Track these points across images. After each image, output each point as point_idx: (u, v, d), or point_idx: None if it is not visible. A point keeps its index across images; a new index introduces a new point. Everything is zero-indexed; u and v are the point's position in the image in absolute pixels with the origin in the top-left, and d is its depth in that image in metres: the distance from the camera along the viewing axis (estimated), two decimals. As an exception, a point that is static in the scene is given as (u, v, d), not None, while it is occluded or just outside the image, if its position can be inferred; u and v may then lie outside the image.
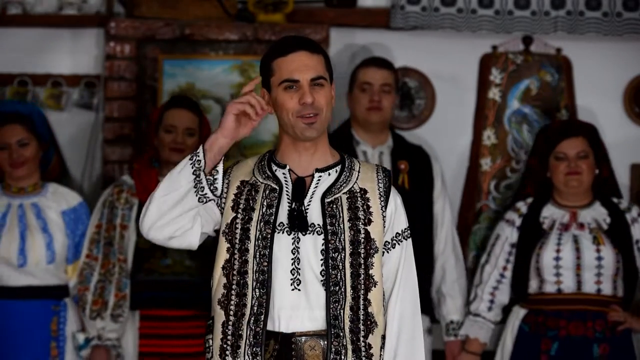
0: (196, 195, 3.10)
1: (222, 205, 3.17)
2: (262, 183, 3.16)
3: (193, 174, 3.10)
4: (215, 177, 3.11)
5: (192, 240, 3.16)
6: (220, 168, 3.13)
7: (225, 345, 3.12)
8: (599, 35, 5.27)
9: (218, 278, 3.16)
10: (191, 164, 3.10)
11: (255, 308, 3.09)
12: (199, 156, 3.11)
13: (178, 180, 3.10)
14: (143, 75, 5.24)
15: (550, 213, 4.66)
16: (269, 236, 3.09)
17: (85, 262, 4.62)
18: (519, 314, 4.65)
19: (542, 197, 4.71)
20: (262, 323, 3.08)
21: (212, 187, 3.10)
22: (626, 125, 5.37)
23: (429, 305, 4.81)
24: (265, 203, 3.12)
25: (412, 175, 4.81)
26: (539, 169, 4.73)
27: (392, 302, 3.16)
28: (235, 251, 3.12)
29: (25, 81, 5.32)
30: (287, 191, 3.14)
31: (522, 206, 4.72)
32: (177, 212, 3.11)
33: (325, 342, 3.08)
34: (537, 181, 4.75)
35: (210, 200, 3.11)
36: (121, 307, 4.56)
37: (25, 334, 4.57)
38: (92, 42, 5.36)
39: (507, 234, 4.70)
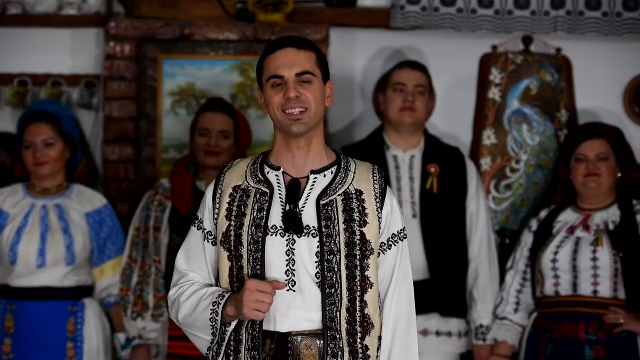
0: (208, 352, 3.16)
1: (216, 216, 3.17)
2: (253, 188, 3.16)
3: (211, 324, 3.12)
4: (221, 343, 3.12)
5: None
6: (226, 336, 3.12)
7: (229, 351, 3.14)
8: (599, 35, 5.27)
9: (226, 288, 3.17)
10: (212, 311, 3.11)
11: (253, 312, 3.10)
12: (218, 308, 3.10)
13: (200, 321, 3.15)
14: (143, 75, 5.24)
15: (566, 217, 4.65)
16: (260, 240, 3.09)
17: (127, 263, 4.67)
18: (531, 317, 4.67)
19: (565, 202, 4.70)
20: (258, 327, 3.08)
21: (216, 352, 3.15)
22: (626, 125, 5.36)
23: (461, 308, 4.78)
24: (256, 207, 3.12)
25: (443, 178, 4.78)
26: (565, 172, 4.72)
27: (387, 303, 3.15)
28: (233, 258, 3.13)
29: (25, 81, 5.32)
30: (280, 194, 3.14)
31: (543, 212, 4.72)
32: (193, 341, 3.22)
33: (322, 342, 3.07)
34: (564, 185, 4.73)
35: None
36: (161, 308, 4.61)
37: (42, 335, 4.57)
38: (92, 42, 5.37)
39: (526, 239, 4.72)
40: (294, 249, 3.08)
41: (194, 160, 4.71)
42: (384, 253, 3.15)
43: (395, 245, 3.17)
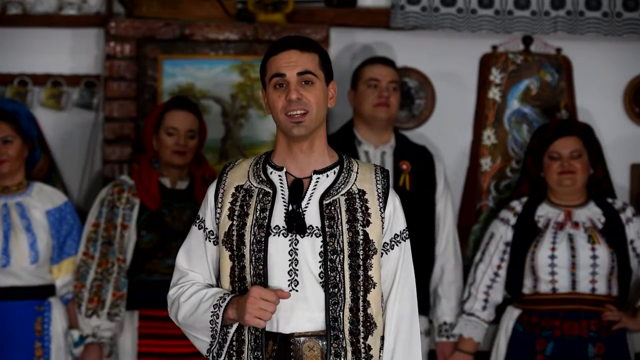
0: (207, 354, 3.16)
1: (218, 215, 3.17)
2: (256, 187, 3.16)
3: (210, 326, 3.12)
4: (223, 344, 3.13)
5: None
6: (228, 337, 3.12)
7: (231, 351, 3.13)
8: (599, 35, 5.27)
9: (227, 288, 3.16)
10: (212, 313, 3.11)
11: (255, 312, 3.10)
12: (220, 310, 3.11)
13: (199, 322, 3.15)
14: (143, 75, 5.24)
15: (545, 212, 4.67)
16: (263, 239, 3.09)
17: (82, 259, 4.62)
18: (512, 314, 4.65)
19: (537, 197, 4.72)
20: (261, 327, 3.08)
21: (217, 352, 3.15)
22: (626, 125, 5.37)
23: (427, 306, 4.81)
24: (259, 207, 3.12)
25: (414, 175, 4.81)
26: (533, 169, 4.74)
27: (390, 303, 3.16)
28: (235, 258, 3.13)
29: (25, 81, 5.32)
30: (282, 194, 3.14)
31: (517, 205, 4.73)
32: (193, 342, 3.22)
33: (324, 343, 3.07)
34: (532, 180, 4.75)
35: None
36: (118, 307, 4.56)
37: (10, 335, 4.55)
38: (92, 42, 5.36)
39: (502, 232, 4.71)
40: (297, 249, 3.08)
41: (156, 157, 4.70)
42: (386, 253, 3.16)
43: (397, 245, 3.18)
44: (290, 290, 3.08)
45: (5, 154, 4.58)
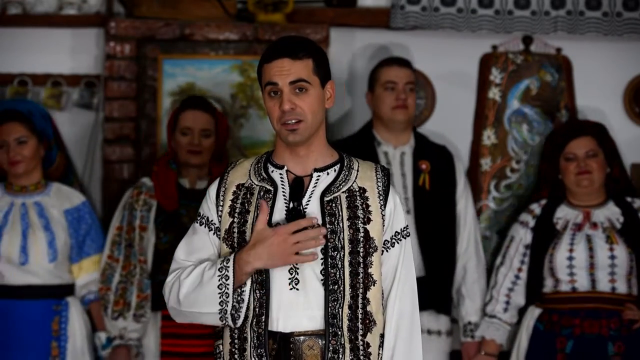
0: (221, 321, 3.12)
1: (220, 213, 3.17)
2: (257, 185, 3.16)
3: (219, 290, 3.09)
4: (240, 304, 3.09)
5: None
6: (245, 297, 3.09)
7: (233, 349, 3.13)
8: (599, 35, 5.27)
9: None
10: (219, 276, 3.09)
11: (257, 309, 3.09)
12: (227, 271, 3.09)
13: (203, 293, 3.11)
14: (143, 75, 5.24)
15: (564, 214, 4.67)
16: None
17: (107, 262, 4.66)
18: (533, 313, 4.66)
19: (556, 199, 4.71)
20: (263, 324, 3.08)
21: (235, 314, 3.10)
22: (626, 125, 5.37)
23: (450, 305, 4.80)
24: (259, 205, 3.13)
25: (433, 175, 4.80)
26: (550, 172, 4.73)
27: (391, 300, 3.16)
28: None
29: (25, 81, 5.32)
30: (283, 191, 3.14)
31: (536, 208, 4.73)
32: (197, 320, 3.17)
33: (324, 342, 3.07)
34: (551, 184, 4.75)
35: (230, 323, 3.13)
36: (143, 308, 4.58)
37: (26, 334, 4.57)
38: (92, 42, 5.36)
39: (521, 235, 4.71)
40: (298, 246, 3.09)
41: (175, 158, 4.71)
42: (387, 250, 3.16)
43: (398, 242, 3.18)
44: (291, 289, 3.08)
45: (20, 154, 4.59)
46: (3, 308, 4.57)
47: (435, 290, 4.71)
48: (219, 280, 3.08)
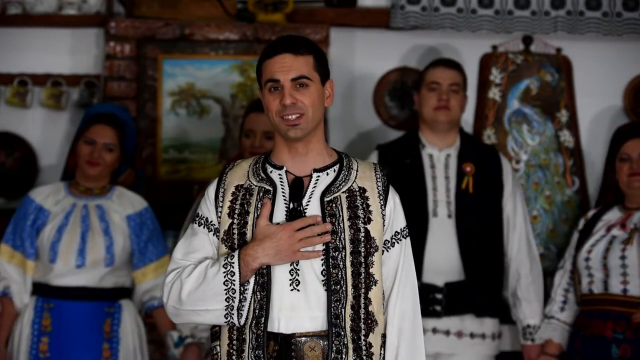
0: (225, 318, 3.10)
1: (219, 214, 3.18)
2: (256, 186, 3.16)
3: (225, 287, 3.08)
4: (243, 303, 3.09)
5: None
6: (248, 295, 3.08)
7: (231, 351, 3.12)
8: (599, 35, 5.27)
9: None
10: (224, 273, 3.09)
11: (257, 311, 3.08)
12: (233, 267, 3.09)
13: (210, 289, 3.10)
14: (143, 75, 5.24)
15: (609, 216, 4.61)
16: None
17: None
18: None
19: (614, 202, 4.66)
20: (262, 325, 3.07)
21: (239, 313, 3.10)
22: (626, 125, 5.37)
23: (495, 309, 4.74)
24: (259, 205, 3.12)
25: (478, 177, 4.73)
26: (610, 174, 4.67)
27: (392, 301, 3.16)
28: None
29: (25, 81, 5.32)
30: (282, 192, 3.14)
31: (591, 212, 4.69)
32: (198, 319, 3.16)
33: (325, 343, 3.07)
34: (611, 185, 4.69)
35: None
36: None
37: (79, 335, 4.55)
38: (92, 42, 5.36)
39: (574, 238, 4.69)
40: (299, 247, 3.09)
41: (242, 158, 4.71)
42: (387, 250, 3.16)
43: (398, 242, 3.17)
44: (292, 290, 3.08)
45: (102, 158, 4.57)
46: (56, 310, 4.56)
47: (476, 295, 4.66)
48: (225, 277, 3.08)
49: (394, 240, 3.18)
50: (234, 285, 3.07)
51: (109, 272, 4.57)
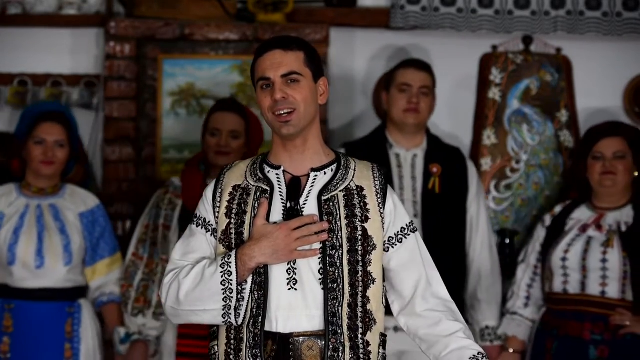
0: (223, 318, 3.11)
1: (217, 214, 3.18)
2: (253, 186, 3.16)
3: (222, 287, 3.09)
4: (240, 302, 3.09)
5: None
6: (246, 295, 3.08)
7: (229, 350, 3.12)
8: (599, 35, 5.28)
9: None
10: (222, 272, 3.09)
11: (254, 310, 3.09)
12: (230, 267, 3.09)
13: (207, 290, 3.10)
14: (143, 75, 5.24)
15: (579, 215, 4.63)
16: None
17: (131, 260, 4.68)
18: (540, 312, 4.66)
19: (581, 200, 4.68)
20: (260, 324, 3.07)
21: (237, 313, 3.10)
22: (626, 125, 5.37)
23: (462, 307, 4.76)
24: (256, 205, 3.12)
25: (444, 178, 4.76)
26: (578, 171, 4.68)
27: (424, 284, 3.23)
28: None
29: (25, 81, 5.32)
30: (280, 192, 3.14)
31: (558, 207, 4.72)
32: (196, 319, 3.16)
33: (323, 343, 3.07)
34: (578, 183, 4.71)
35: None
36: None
37: (40, 336, 4.57)
38: (92, 42, 5.37)
39: (539, 233, 4.71)
40: (295, 246, 3.09)
41: (205, 159, 4.71)
42: (392, 247, 3.16)
43: (408, 236, 3.18)
44: (289, 290, 3.08)
45: (55, 156, 4.58)
46: (17, 310, 4.57)
47: None
48: (222, 277, 3.08)
49: (400, 236, 3.18)
50: (231, 285, 3.07)
51: (68, 271, 4.58)
